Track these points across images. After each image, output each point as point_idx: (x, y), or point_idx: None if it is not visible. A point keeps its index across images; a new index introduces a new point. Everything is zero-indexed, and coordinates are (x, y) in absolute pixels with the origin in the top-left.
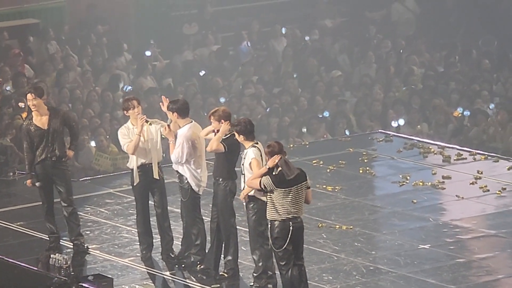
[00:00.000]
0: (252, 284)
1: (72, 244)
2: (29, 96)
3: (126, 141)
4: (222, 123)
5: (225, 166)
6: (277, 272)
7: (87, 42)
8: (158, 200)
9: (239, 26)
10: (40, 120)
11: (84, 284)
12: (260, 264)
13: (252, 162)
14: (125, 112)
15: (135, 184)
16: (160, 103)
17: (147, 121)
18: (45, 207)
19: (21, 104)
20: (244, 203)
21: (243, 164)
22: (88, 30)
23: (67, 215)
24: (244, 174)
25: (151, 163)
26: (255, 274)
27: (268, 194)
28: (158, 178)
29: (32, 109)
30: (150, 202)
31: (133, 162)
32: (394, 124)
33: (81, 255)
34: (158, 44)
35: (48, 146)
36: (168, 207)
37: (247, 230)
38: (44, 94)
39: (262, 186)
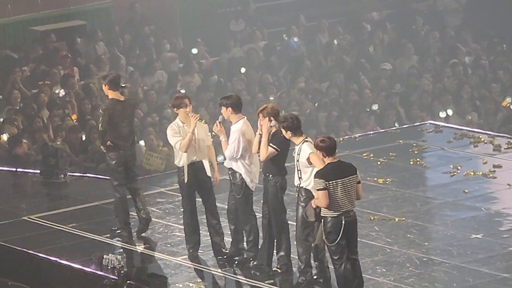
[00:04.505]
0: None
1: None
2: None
3: (177, 139)
4: (271, 120)
5: (275, 162)
6: (331, 266)
7: (134, 42)
8: (206, 198)
9: (285, 21)
10: None
11: (136, 284)
12: (304, 257)
13: (312, 157)
14: (175, 109)
15: (185, 182)
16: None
17: (200, 120)
18: None
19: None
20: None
21: (298, 161)
22: (135, 30)
23: None
24: (300, 170)
25: (201, 161)
26: (300, 269)
27: None
28: (210, 175)
29: None
30: (197, 199)
31: (184, 160)
32: (442, 114)
33: (135, 255)
34: (204, 41)
35: None
36: (218, 205)
37: None
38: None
39: (321, 188)
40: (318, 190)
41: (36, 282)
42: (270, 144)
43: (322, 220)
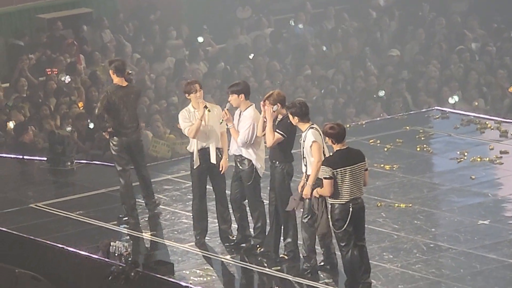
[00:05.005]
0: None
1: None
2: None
3: (187, 124)
4: (278, 106)
5: (281, 148)
6: (338, 252)
7: (140, 29)
8: (216, 185)
9: (291, 8)
10: None
11: (143, 271)
12: (308, 243)
13: (314, 146)
14: (187, 95)
15: (194, 167)
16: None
17: (206, 107)
18: None
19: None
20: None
21: (303, 148)
22: (140, 17)
23: None
24: (305, 158)
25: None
26: (303, 255)
27: None
28: (215, 162)
29: None
30: (208, 186)
31: (194, 146)
32: (451, 100)
33: (141, 242)
34: (210, 29)
35: None
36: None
37: None
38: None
39: (327, 177)
40: (324, 178)
41: (43, 270)
42: (277, 130)
43: (330, 206)
